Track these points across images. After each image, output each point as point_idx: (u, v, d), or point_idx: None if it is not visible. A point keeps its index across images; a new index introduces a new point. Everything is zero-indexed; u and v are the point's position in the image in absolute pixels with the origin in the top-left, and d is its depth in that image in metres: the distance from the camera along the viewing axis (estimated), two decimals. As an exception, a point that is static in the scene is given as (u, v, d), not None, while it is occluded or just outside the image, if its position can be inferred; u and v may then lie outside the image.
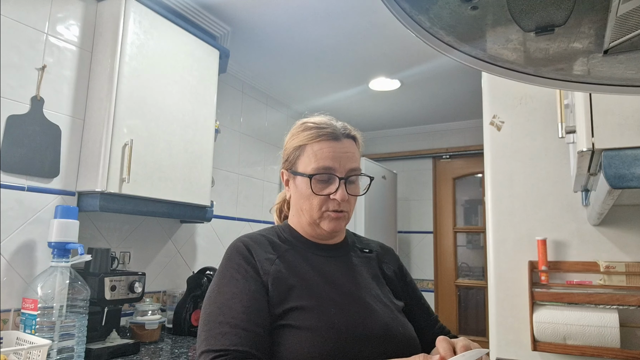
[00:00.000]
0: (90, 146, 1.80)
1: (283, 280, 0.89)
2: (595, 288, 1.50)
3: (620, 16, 0.48)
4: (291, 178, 1.01)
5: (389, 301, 0.98)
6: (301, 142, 0.98)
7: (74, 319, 1.51)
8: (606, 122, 0.78)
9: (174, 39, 2.02)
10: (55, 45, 1.78)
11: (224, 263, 0.93)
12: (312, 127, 0.98)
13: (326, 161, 0.95)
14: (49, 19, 1.76)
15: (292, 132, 1.03)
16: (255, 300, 0.85)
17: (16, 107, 1.64)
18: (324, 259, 0.98)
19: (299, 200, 0.99)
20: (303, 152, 0.97)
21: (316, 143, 0.96)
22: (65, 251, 1.55)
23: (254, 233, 1.00)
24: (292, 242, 0.99)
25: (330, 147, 0.96)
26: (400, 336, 0.92)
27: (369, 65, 2.84)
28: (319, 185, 0.95)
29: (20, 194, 1.64)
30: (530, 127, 1.69)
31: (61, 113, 1.79)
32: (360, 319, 0.89)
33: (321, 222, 0.97)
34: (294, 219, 1.03)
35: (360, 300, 0.92)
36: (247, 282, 0.88)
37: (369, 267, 1.04)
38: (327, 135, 0.97)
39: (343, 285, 0.94)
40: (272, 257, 0.93)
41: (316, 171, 0.95)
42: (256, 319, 0.83)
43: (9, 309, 1.60)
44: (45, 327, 1.44)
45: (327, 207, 0.96)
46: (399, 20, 0.54)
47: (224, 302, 0.85)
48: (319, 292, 0.90)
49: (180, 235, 2.47)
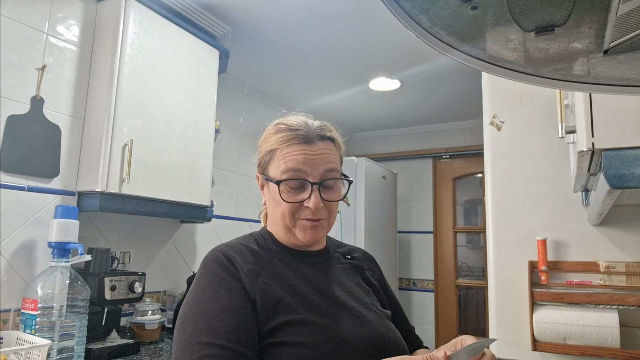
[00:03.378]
0: (90, 146, 1.80)
1: (270, 293, 0.82)
2: (595, 288, 1.50)
3: (620, 16, 0.48)
4: (266, 183, 0.94)
5: (377, 309, 0.94)
6: (272, 146, 0.91)
7: (74, 319, 1.51)
8: (606, 122, 0.78)
9: (174, 39, 2.02)
10: (55, 45, 1.78)
11: (202, 276, 0.83)
12: (285, 129, 0.91)
13: (296, 165, 0.87)
14: (49, 19, 1.76)
15: (265, 134, 0.96)
16: (242, 317, 0.77)
17: (16, 107, 1.64)
18: (308, 267, 0.92)
19: (272, 207, 0.92)
20: (273, 157, 0.90)
21: (286, 147, 0.88)
22: (65, 251, 1.55)
23: (232, 242, 0.92)
24: (274, 250, 0.92)
25: (301, 151, 0.88)
26: (393, 344, 0.88)
27: (369, 65, 2.84)
28: (290, 192, 0.88)
29: (20, 194, 1.64)
30: (530, 127, 1.69)
31: (61, 113, 1.79)
32: (354, 329, 0.84)
33: (295, 231, 0.90)
34: (273, 225, 0.96)
35: (352, 310, 0.87)
36: (232, 296, 0.79)
37: (354, 275, 0.99)
38: (299, 138, 0.89)
39: (332, 294, 0.88)
40: (256, 267, 0.85)
41: (285, 177, 0.87)
42: (244, 339, 0.75)
43: (9, 309, 1.60)
44: (45, 327, 1.44)
45: (299, 215, 0.89)
46: (399, 20, 0.54)
47: (207, 320, 0.76)
48: (310, 304, 0.84)
49: (180, 235, 2.47)
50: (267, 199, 0.94)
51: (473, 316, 3.89)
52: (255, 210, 3.10)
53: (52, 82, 1.76)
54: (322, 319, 0.82)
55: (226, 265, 0.83)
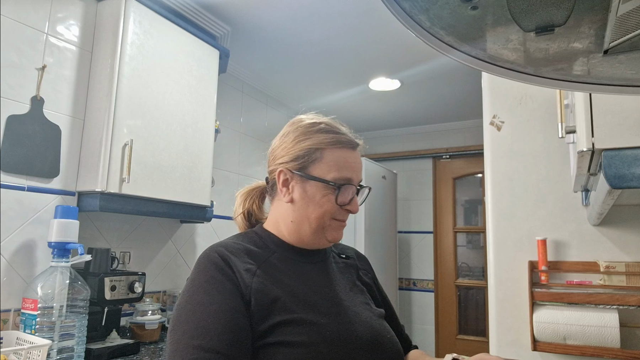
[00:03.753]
0: (90, 146, 1.80)
1: (266, 293, 0.81)
2: (595, 288, 1.50)
3: (620, 16, 0.48)
4: (296, 180, 0.91)
5: (371, 308, 0.95)
6: (318, 145, 0.90)
7: (74, 319, 1.51)
8: (606, 122, 0.78)
9: (174, 39, 2.02)
10: (55, 45, 1.78)
11: (196, 276, 0.82)
12: (328, 129, 0.92)
13: (348, 172, 0.90)
14: (49, 19, 1.76)
15: (304, 130, 0.93)
16: (234, 320, 0.76)
17: (16, 107, 1.64)
18: (305, 265, 0.92)
19: (307, 207, 0.90)
20: (322, 157, 0.90)
21: (337, 149, 0.91)
22: (65, 251, 1.55)
23: (227, 241, 0.91)
24: (271, 249, 0.92)
25: (351, 157, 0.92)
26: (388, 342, 0.89)
27: (369, 65, 2.84)
28: (340, 195, 0.89)
29: (20, 194, 1.64)
30: (530, 127, 1.69)
31: (61, 113, 1.79)
32: (351, 328, 0.84)
33: (327, 232, 0.91)
34: (280, 225, 0.94)
35: (348, 309, 0.88)
36: (225, 298, 0.78)
37: (349, 274, 1.00)
38: (347, 143, 0.92)
39: (328, 293, 0.89)
40: (252, 267, 0.84)
41: (338, 180, 0.89)
42: (235, 342, 0.74)
43: (9, 309, 1.60)
44: (45, 327, 1.44)
45: (335, 216, 0.91)
46: (399, 20, 0.54)
47: (199, 322, 0.75)
48: (306, 302, 0.84)
49: (180, 235, 2.47)
50: (299, 197, 0.91)
51: (473, 316, 3.89)
52: (255, 210, 3.10)
53: (52, 82, 1.76)
54: (318, 318, 0.82)
55: (221, 265, 0.82)
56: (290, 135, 0.94)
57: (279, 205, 0.95)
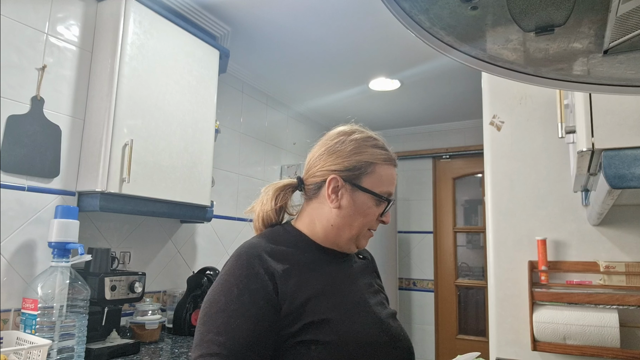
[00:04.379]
0: (91, 146, 1.80)
1: (299, 295, 0.86)
2: (595, 288, 1.50)
3: (620, 16, 0.48)
4: (347, 189, 0.96)
5: (387, 307, 1.01)
6: (373, 160, 0.98)
7: (74, 318, 1.51)
8: (606, 122, 0.78)
9: (174, 39, 2.02)
10: (56, 45, 1.78)
11: (232, 271, 0.86)
12: (381, 146, 1.01)
13: (391, 187, 0.99)
14: (49, 19, 1.76)
15: (359, 143, 0.99)
16: (259, 323, 0.81)
17: (16, 107, 1.64)
18: (330, 265, 0.97)
19: (353, 215, 0.96)
20: (374, 171, 0.97)
21: (386, 166, 0.99)
22: (65, 251, 1.55)
23: (261, 241, 0.93)
24: (301, 248, 0.96)
25: (394, 174, 1.02)
26: (403, 340, 0.95)
27: (369, 65, 2.84)
28: (380, 207, 0.98)
29: (20, 194, 1.64)
30: (530, 127, 1.69)
31: (61, 113, 1.79)
32: (372, 327, 0.90)
33: (359, 240, 0.99)
34: (316, 226, 0.98)
35: (368, 309, 0.94)
36: (255, 301, 0.82)
37: (367, 274, 1.06)
38: (393, 162, 1.02)
39: (351, 294, 0.95)
40: (288, 267, 0.89)
41: (384, 194, 0.98)
42: (255, 345, 0.79)
43: (9, 309, 1.60)
44: (45, 327, 1.44)
45: (371, 227, 0.99)
46: (399, 21, 0.54)
47: (226, 319, 0.80)
48: (334, 303, 0.89)
49: (181, 235, 2.47)
50: (347, 205, 0.96)
51: (473, 316, 3.89)
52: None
53: (52, 82, 1.76)
54: (344, 319, 0.88)
55: (256, 268, 0.85)
56: (347, 145, 0.99)
57: (319, 207, 0.99)
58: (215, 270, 2.25)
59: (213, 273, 2.23)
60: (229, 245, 2.84)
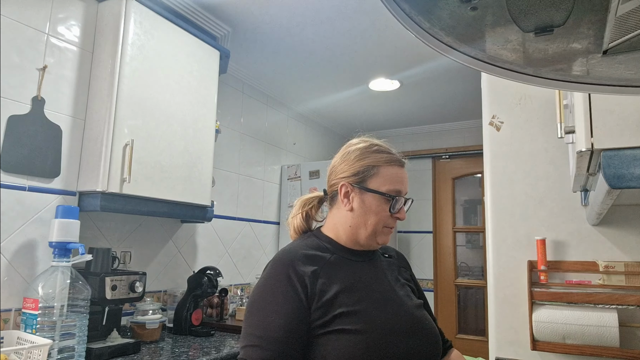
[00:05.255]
0: (91, 146, 1.80)
1: (328, 291, 0.97)
2: (595, 288, 1.51)
3: (619, 17, 0.48)
4: (356, 192, 1.07)
5: (413, 299, 1.09)
6: (375, 163, 1.07)
7: (74, 318, 1.52)
8: (605, 122, 0.78)
9: (175, 39, 2.02)
10: (56, 45, 1.78)
11: (268, 278, 0.99)
12: (383, 150, 1.09)
13: (398, 185, 1.07)
14: (50, 20, 1.77)
15: (362, 151, 1.10)
16: (291, 320, 0.93)
17: (17, 108, 1.65)
18: (357, 264, 1.07)
19: (364, 215, 1.06)
20: (378, 173, 1.07)
21: (390, 167, 1.08)
22: (66, 251, 1.55)
23: (295, 248, 1.05)
24: (330, 250, 1.07)
25: (400, 173, 1.09)
26: (428, 328, 1.03)
27: (369, 65, 2.85)
28: (389, 205, 1.06)
29: (21, 194, 1.65)
30: (529, 127, 1.70)
31: (62, 113, 1.79)
32: (397, 316, 0.99)
33: (378, 236, 1.07)
34: (339, 229, 1.10)
35: (394, 300, 1.03)
36: (287, 301, 0.95)
37: (392, 270, 1.15)
38: (398, 162, 1.10)
39: (378, 287, 1.04)
40: (316, 269, 1.00)
41: (391, 192, 1.06)
42: (290, 339, 0.92)
43: (10, 308, 1.61)
44: (46, 326, 1.44)
45: (386, 223, 1.07)
46: (399, 21, 0.54)
47: (263, 317, 0.94)
48: (361, 296, 0.99)
49: (181, 235, 2.47)
50: (358, 207, 1.07)
51: (472, 316, 3.89)
52: (256, 210, 3.10)
53: (53, 83, 1.76)
54: (371, 309, 0.97)
55: (289, 273, 0.98)
56: (351, 154, 1.11)
57: (338, 212, 1.11)
58: (215, 269, 2.25)
59: (213, 273, 2.23)
60: (229, 245, 2.85)
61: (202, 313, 2.21)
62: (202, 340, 2.01)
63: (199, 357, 1.72)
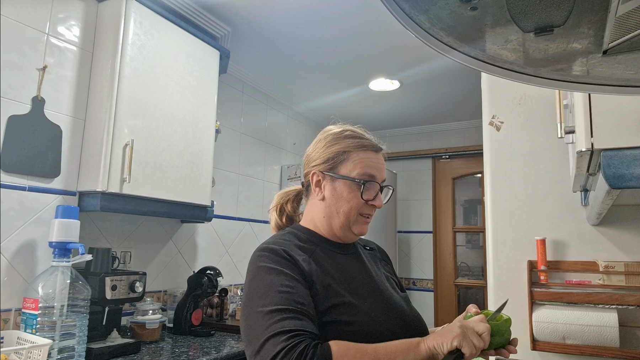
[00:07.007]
0: (91, 146, 1.80)
1: (321, 279, 0.93)
2: (595, 288, 1.51)
3: (619, 17, 0.48)
4: (327, 180, 1.03)
5: (398, 292, 1.08)
6: (345, 149, 1.03)
7: (74, 318, 1.52)
8: (605, 122, 0.78)
9: (175, 39, 2.02)
10: (56, 45, 1.78)
11: (259, 266, 0.92)
12: (355, 135, 1.05)
13: (371, 170, 1.02)
14: (50, 20, 1.77)
15: (332, 137, 1.05)
16: (303, 290, 0.89)
17: (17, 108, 1.65)
18: (342, 257, 1.04)
19: (336, 203, 1.02)
20: (348, 158, 1.02)
21: (361, 152, 1.03)
22: (66, 251, 1.55)
23: (276, 239, 1.00)
24: (315, 242, 1.03)
25: (373, 158, 1.04)
26: (417, 320, 1.02)
27: (369, 65, 2.85)
28: (365, 191, 1.01)
29: (21, 194, 1.65)
30: (529, 127, 1.70)
31: (62, 113, 1.79)
32: (388, 308, 0.98)
33: (353, 226, 1.03)
34: (315, 221, 1.06)
35: (382, 292, 1.01)
36: (294, 275, 0.90)
37: (375, 263, 1.13)
38: (371, 146, 1.05)
39: (365, 279, 1.02)
40: (305, 257, 0.96)
41: (362, 177, 1.01)
42: (306, 304, 0.87)
43: (10, 308, 1.61)
44: (46, 326, 1.44)
45: (362, 211, 1.02)
46: (399, 21, 0.54)
47: (279, 293, 0.86)
48: (351, 288, 0.96)
49: (181, 235, 2.47)
50: (330, 195, 1.03)
51: (473, 316, 3.89)
52: (256, 210, 3.10)
53: (53, 83, 1.76)
54: (362, 301, 0.95)
55: (282, 254, 0.93)
56: (322, 142, 1.07)
57: (313, 203, 1.07)
58: (215, 269, 2.25)
59: (213, 273, 2.23)
60: (229, 245, 2.85)
61: (202, 313, 2.21)
62: (202, 340, 2.01)
63: (198, 357, 1.72)
